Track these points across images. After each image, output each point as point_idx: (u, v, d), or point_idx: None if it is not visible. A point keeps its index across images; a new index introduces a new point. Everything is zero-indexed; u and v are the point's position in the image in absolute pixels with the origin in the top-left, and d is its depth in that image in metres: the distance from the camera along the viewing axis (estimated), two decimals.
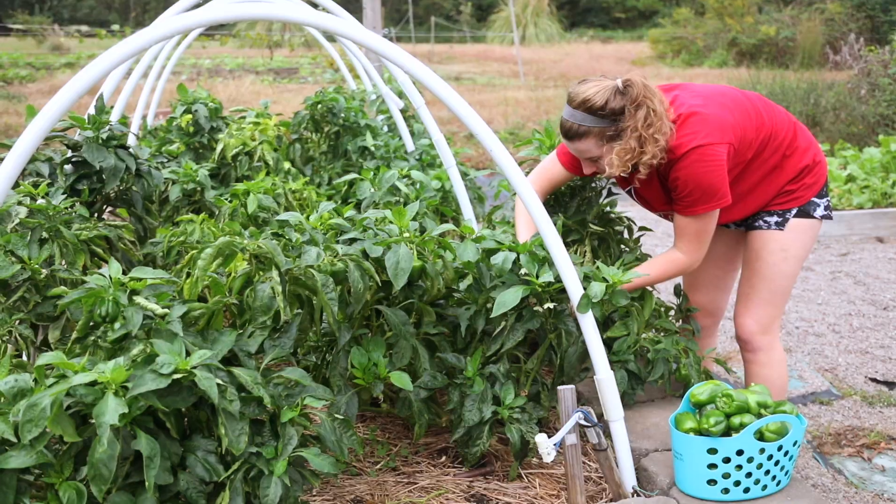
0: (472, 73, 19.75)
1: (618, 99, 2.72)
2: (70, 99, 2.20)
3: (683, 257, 2.91)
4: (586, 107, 2.74)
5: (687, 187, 2.77)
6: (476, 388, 2.65)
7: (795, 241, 3.02)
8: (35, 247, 2.82)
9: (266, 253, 2.25)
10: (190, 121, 4.93)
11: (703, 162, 2.73)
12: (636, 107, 2.70)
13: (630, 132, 2.70)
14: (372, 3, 9.22)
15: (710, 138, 2.73)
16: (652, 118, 2.69)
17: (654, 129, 2.69)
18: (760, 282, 3.05)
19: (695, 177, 2.74)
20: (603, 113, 2.72)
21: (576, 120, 2.77)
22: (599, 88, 2.74)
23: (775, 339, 3.13)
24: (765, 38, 19.81)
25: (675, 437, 2.54)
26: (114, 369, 1.91)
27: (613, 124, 2.73)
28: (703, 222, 2.84)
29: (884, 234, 6.84)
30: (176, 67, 19.69)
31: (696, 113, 2.77)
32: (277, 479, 2.04)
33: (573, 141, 2.81)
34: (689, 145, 2.72)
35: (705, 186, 2.75)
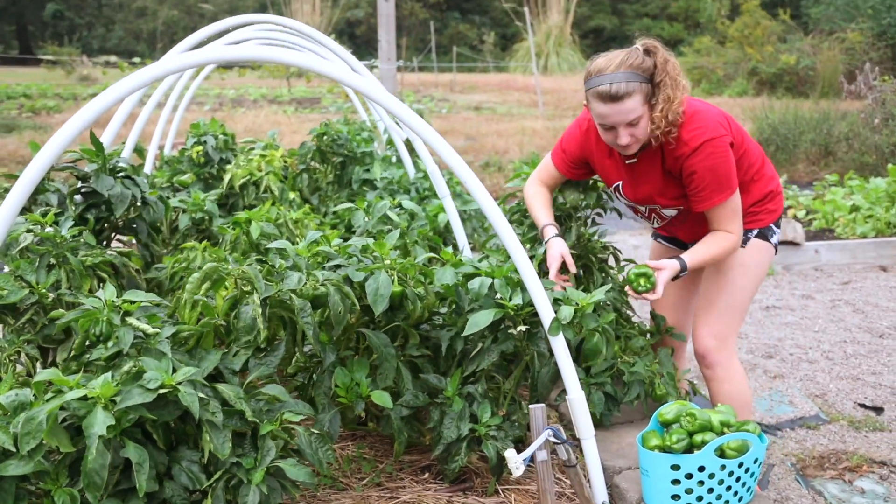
0: (493, 103, 19.98)
1: (648, 58, 2.87)
2: (72, 134, 2.37)
3: (733, 235, 3.02)
4: (626, 65, 2.83)
5: (704, 180, 2.91)
6: (455, 406, 2.80)
7: (753, 259, 3.17)
8: (43, 272, 3.00)
9: (248, 278, 2.41)
10: (200, 152, 5.14)
11: (716, 154, 2.88)
12: (664, 62, 2.86)
13: (668, 79, 2.84)
14: (387, 35, 9.45)
15: (718, 131, 2.89)
16: (677, 69, 2.88)
17: (681, 77, 2.87)
18: (718, 294, 3.18)
19: (711, 169, 2.89)
20: (643, 68, 2.83)
21: (621, 80, 2.81)
22: (628, 51, 2.88)
23: (732, 354, 3.23)
24: (785, 67, 19.88)
25: (642, 454, 2.66)
26: (102, 385, 2.07)
27: (650, 80, 2.86)
28: (728, 205, 2.98)
29: (887, 262, 6.91)
30: (200, 97, 20.11)
31: (699, 110, 2.93)
32: (255, 488, 2.19)
33: (621, 101, 2.83)
34: (701, 138, 2.88)
35: (721, 177, 2.91)
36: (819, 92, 17.65)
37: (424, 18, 35.95)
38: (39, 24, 41.88)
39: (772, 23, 23.78)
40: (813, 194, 8.56)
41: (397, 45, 26.47)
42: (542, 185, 3.41)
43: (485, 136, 13.69)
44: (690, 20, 36.56)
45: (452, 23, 39.30)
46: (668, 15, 38.07)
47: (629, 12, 39.21)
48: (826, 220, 7.46)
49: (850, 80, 13.74)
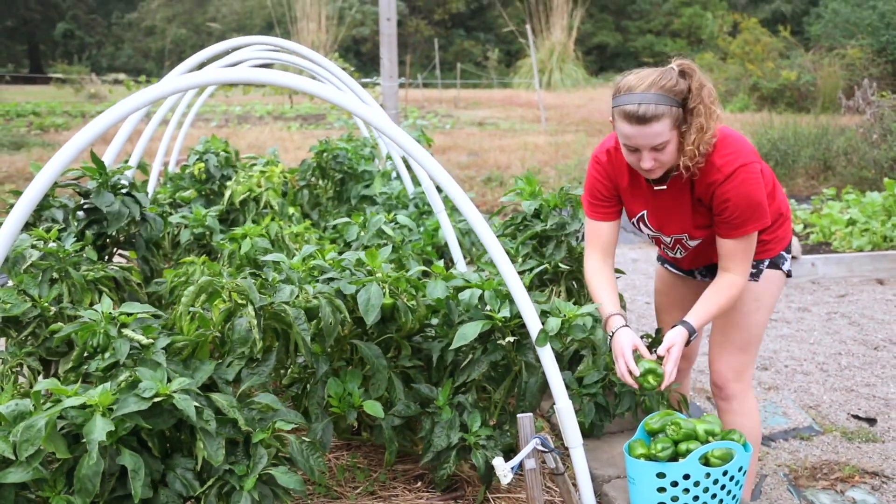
0: (496, 119, 20.09)
1: (683, 80, 2.69)
2: (73, 152, 2.44)
3: (740, 279, 2.89)
4: (658, 87, 2.66)
5: (738, 208, 2.78)
6: (445, 416, 2.86)
7: (767, 291, 3.08)
8: (45, 286, 3.08)
9: (242, 290, 2.49)
10: (202, 169, 5.23)
11: (750, 181, 2.76)
12: (699, 86, 2.69)
13: (701, 107, 2.68)
14: (389, 53, 9.56)
15: (750, 157, 2.79)
16: (713, 95, 2.71)
17: (716, 104, 2.71)
18: (734, 331, 3.08)
19: (745, 196, 2.76)
20: (675, 91, 2.67)
21: (651, 102, 2.64)
22: (662, 71, 2.71)
23: (748, 387, 3.16)
24: (786, 82, 19.97)
25: (628, 463, 2.72)
26: (101, 393, 2.14)
27: (682, 105, 2.70)
28: (750, 241, 2.87)
29: (884, 276, 6.96)
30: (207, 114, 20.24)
31: (728, 135, 2.81)
32: (247, 494, 2.26)
33: (648, 124, 2.66)
34: (734, 164, 2.76)
35: (755, 205, 2.78)
36: (820, 107, 17.74)
37: (429, 36, 36.16)
38: (50, 43, 42.25)
39: (772, 39, 23.91)
40: (811, 208, 8.62)
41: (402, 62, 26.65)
42: (598, 255, 3.09)
43: (487, 151, 13.78)
44: (693, 37, 36.73)
45: (457, 40, 39.52)
46: (671, 31, 38.24)
47: (632, 29, 39.39)
48: (823, 233, 7.51)
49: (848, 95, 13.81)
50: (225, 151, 5.44)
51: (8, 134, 15.35)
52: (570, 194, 3.85)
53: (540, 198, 3.86)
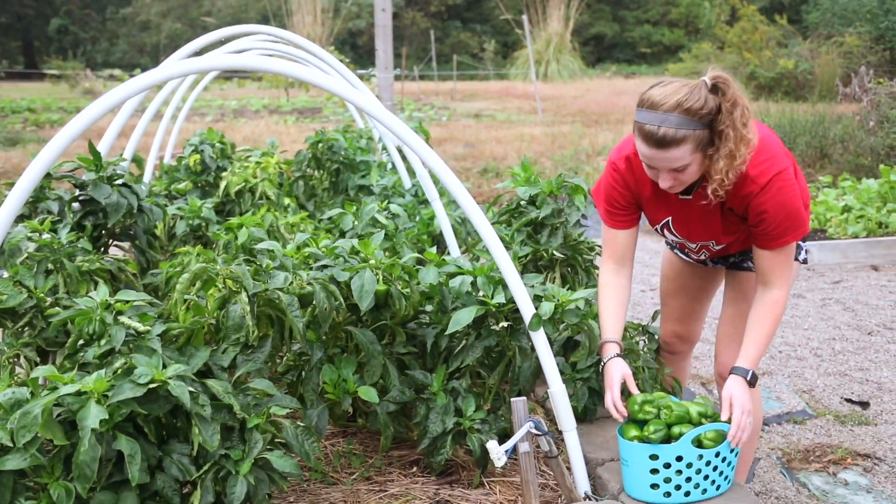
0: (493, 110, 20.09)
1: (712, 98, 2.47)
2: (66, 141, 2.45)
3: (782, 293, 2.74)
4: (682, 109, 2.45)
5: (777, 218, 2.64)
6: (439, 401, 2.88)
7: None
8: (41, 277, 3.10)
9: (236, 277, 2.51)
10: (198, 160, 5.24)
11: (786, 189, 2.62)
12: (732, 105, 2.47)
13: (731, 131, 2.48)
14: (384, 44, 9.57)
15: (783, 162, 2.63)
16: (747, 116, 2.50)
17: (748, 127, 2.50)
18: (744, 322, 2.94)
19: (783, 205, 2.62)
20: (702, 114, 2.46)
21: (671, 125, 2.46)
22: (691, 88, 2.48)
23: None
24: (783, 71, 19.97)
25: (621, 445, 2.74)
26: (96, 380, 2.16)
27: (708, 127, 2.50)
28: (789, 252, 2.74)
29: (878, 262, 6.99)
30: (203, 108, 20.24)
31: (760, 139, 2.61)
32: (243, 479, 2.28)
33: (667, 149, 2.50)
34: (769, 173, 2.60)
35: (794, 214, 2.65)
36: (817, 95, 17.74)
37: (426, 28, 36.12)
38: (45, 40, 42.16)
39: (770, 28, 23.90)
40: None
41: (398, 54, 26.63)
42: (612, 266, 2.96)
43: (484, 142, 13.79)
44: (691, 26, 36.70)
45: (454, 32, 39.47)
46: (669, 21, 38.20)
47: (630, 19, 39.35)
48: (818, 220, 7.53)
49: (845, 83, 13.82)
50: (221, 143, 5.45)
51: (3, 130, 15.36)
52: (567, 182, 3.86)
53: (536, 185, 3.88)
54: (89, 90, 24.89)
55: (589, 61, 33.83)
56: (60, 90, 27.17)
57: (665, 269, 3.42)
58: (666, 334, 3.49)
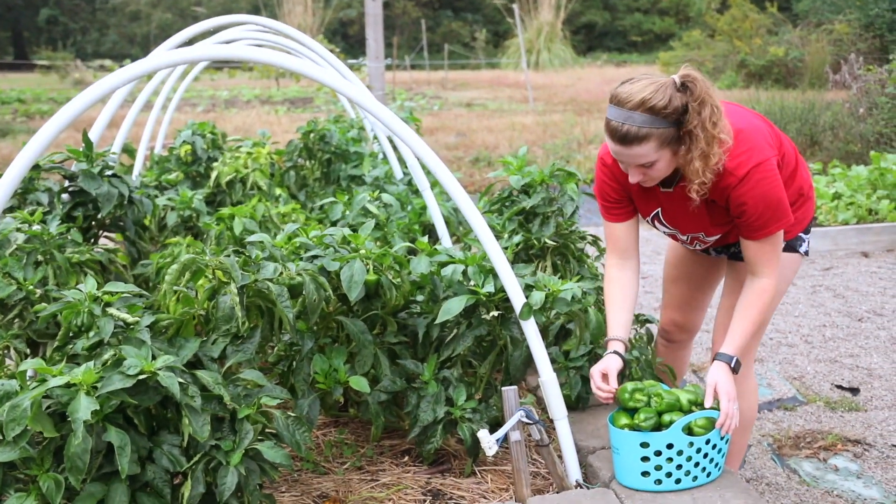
0: (485, 99, 20.06)
1: (679, 97, 2.49)
2: (55, 130, 2.44)
3: (770, 282, 2.76)
4: (646, 107, 2.47)
5: (757, 209, 2.64)
6: (430, 390, 2.89)
7: (780, 275, 2.92)
8: (30, 269, 3.09)
9: (225, 268, 2.50)
10: (188, 151, 5.22)
11: (766, 180, 2.61)
12: (700, 104, 2.49)
13: (700, 131, 2.50)
14: (375, 34, 9.53)
15: (764, 153, 2.62)
16: (717, 115, 2.51)
17: (718, 127, 2.51)
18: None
19: (763, 196, 2.62)
20: (666, 113, 2.48)
21: (634, 123, 2.49)
22: (657, 86, 2.50)
23: (748, 369, 3.09)
24: (773, 59, 19.98)
25: (612, 433, 2.75)
26: (85, 372, 2.16)
27: (675, 126, 2.52)
28: (775, 241, 2.74)
29: (869, 248, 7.01)
30: (193, 99, 20.16)
31: (740, 129, 2.62)
32: (234, 469, 2.28)
33: (629, 146, 2.53)
34: (748, 165, 2.60)
35: (774, 204, 2.64)
36: (807, 83, 17.75)
37: (417, 17, 36.03)
38: (34, 30, 41.93)
39: (760, 16, 23.90)
40: None
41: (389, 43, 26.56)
42: (616, 260, 2.98)
43: (475, 131, 13.78)
44: (681, 14, 36.69)
45: (445, 21, 39.38)
46: (660, 10, 38.21)
47: (621, 7, 39.32)
48: None
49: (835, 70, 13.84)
50: (212, 133, 5.44)
51: None
52: (561, 169, 3.85)
53: (528, 174, 3.87)
54: (79, 81, 24.78)
55: (580, 50, 33.79)
56: (50, 81, 27.05)
57: (669, 256, 3.40)
58: (665, 321, 3.49)
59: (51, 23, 41.18)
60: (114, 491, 2.23)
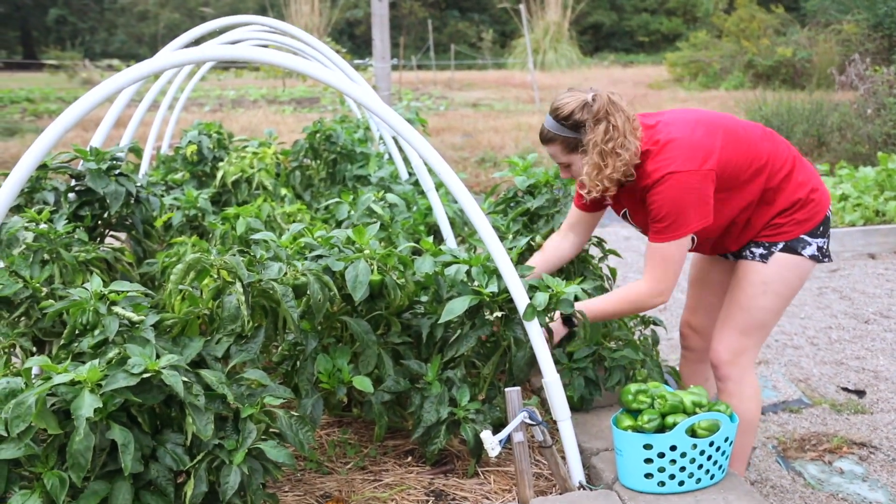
0: (491, 100, 20.06)
1: (583, 111, 2.86)
2: (62, 129, 2.44)
3: (644, 284, 2.93)
4: (555, 115, 2.91)
5: (660, 212, 2.84)
6: (434, 391, 2.89)
7: (777, 276, 2.99)
8: (37, 267, 3.10)
9: (231, 267, 2.51)
10: (194, 150, 5.23)
11: (676, 188, 2.80)
12: (596, 121, 2.84)
13: (591, 146, 2.84)
14: (381, 34, 9.54)
15: (686, 165, 2.79)
16: (612, 133, 2.82)
17: (613, 143, 2.81)
18: (737, 311, 3.06)
19: (668, 202, 2.81)
20: (567, 123, 2.88)
21: (547, 126, 2.94)
22: (571, 99, 2.89)
23: (746, 371, 3.11)
24: (781, 59, 19.94)
25: (616, 435, 2.75)
26: (90, 370, 2.17)
27: (575, 135, 2.89)
28: (669, 249, 2.88)
29: (875, 250, 6.99)
30: (201, 98, 20.19)
31: (674, 139, 2.84)
32: (237, 468, 2.29)
33: (544, 144, 3.00)
34: (663, 171, 2.81)
35: (676, 212, 2.82)
36: (815, 83, 17.71)
37: (423, 17, 36.03)
38: (43, 30, 42.04)
39: (768, 16, 23.85)
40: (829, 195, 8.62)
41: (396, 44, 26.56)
42: (563, 232, 3.35)
43: (481, 132, 13.78)
44: (689, 14, 36.61)
45: (451, 21, 39.37)
46: (667, 10, 38.12)
47: (628, 7, 39.24)
48: None
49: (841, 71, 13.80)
50: (218, 133, 5.45)
51: (2, 120, 15.34)
52: None
53: (533, 174, 3.88)
54: (87, 80, 24.84)
55: (587, 50, 33.74)
56: (59, 80, 27.11)
57: (692, 258, 3.46)
58: (681, 324, 3.53)
59: (59, 22, 41.28)
60: (117, 489, 2.23)
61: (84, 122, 13.18)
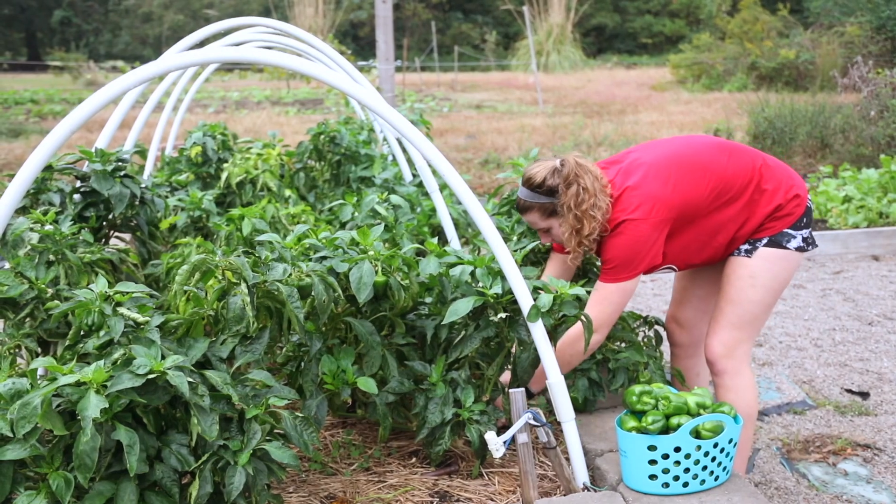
0: (494, 101, 20.07)
1: (554, 177, 3.00)
2: (68, 131, 2.45)
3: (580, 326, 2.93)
4: (528, 184, 3.05)
5: (608, 255, 3.00)
6: (438, 392, 2.89)
7: (764, 269, 3.08)
8: (42, 268, 3.11)
9: (236, 268, 2.52)
10: (199, 152, 5.24)
11: (625, 235, 2.95)
12: (567, 185, 2.97)
13: (566, 209, 2.97)
14: (385, 35, 9.55)
15: (636, 213, 2.94)
16: (583, 195, 2.94)
17: (586, 205, 2.94)
18: (727, 305, 3.13)
19: (616, 247, 2.97)
20: (541, 190, 3.02)
21: (522, 195, 3.09)
22: (541, 168, 3.04)
23: (742, 364, 3.18)
24: (784, 61, 19.93)
25: (620, 436, 2.75)
26: (95, 370, 2.17)
27: (550, 200, 3.02)
28: (607, 293, 3.01)
29: (879, 252, 6.99)
30: (205, 100, 20.22)
31: (627, 188, 2.99)
32: (242, 469, 2.29)
33: (522, 214, 3.14)
34: (617, 220, 2.97)
35: (622, 258, 2.97)
36: (818, 85, 17.70)
37: (427, 19, 36.05)
38: (47, 31, 42.13)
39: (771, 18, 23.84)
40: (807, 186, 8.63)
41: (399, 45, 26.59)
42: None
43: (485, 133, 13.78)
44: (692, 16, 36.59)
45: (455, 23, 39.39)
46: (670, 12, 38.11)
47: (631, 9, 39.23)
48: (819, 210, 7.53)
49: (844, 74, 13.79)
50: (222, 134, 5.46)
51: (6, 122, 15.38)
52: None
53: None
54: (92, 82, 24.89)
55: (590, 52, 33.75)
56: (63, 82, 27.17)
57: None
58: (667, 319, 3.58)
59: (64, 24, 41.36)
60: (123, 489, 2.24)
61: (89, 123, 13.20)
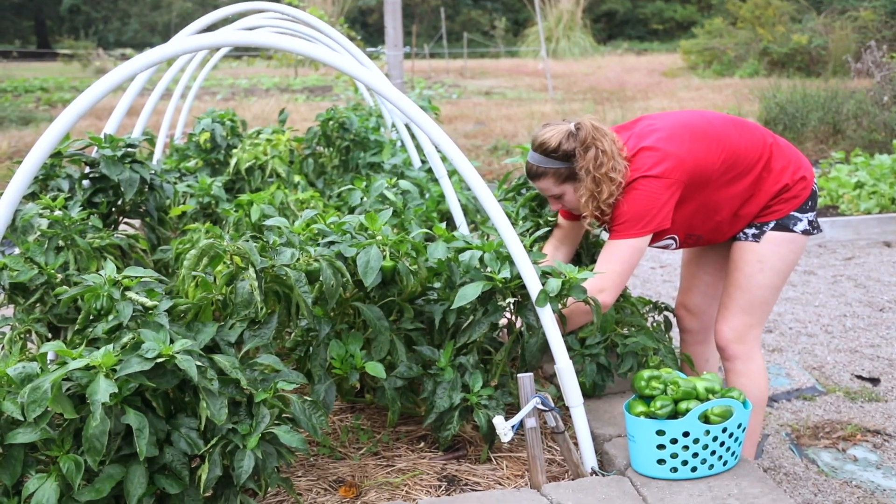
0: (504, 88, 20.02)
1: (570, 141, 2.95)
2: (76, 114, 2.44)
3: (595, 284, 2.91)
4: (542, 149, 2.99)
5: (620, 210, 2.96)
6: (447, 377, 2.89)
7: (772, 253, 3.10)
8: (52, 254, 3.12)
9: (244, 253, 2.52)
10: (208, 138, 5.24)
11: (639, 191, 2.93)
12: (585, 148, 2.92)
13: (584, 173, 2.93)
14: (394, 21, 9.53)
15: (653, 171, 2.92)
16: (602, 158, 2.90)
17: (605, 168, 2.90)
18: (736, 291, 3.15)
19: (628, 202, 2.94)
20: (556, 155, 2.97)
21: (534, 161, 3.02)
22: (555, 132, 2.98)
23: (753, 349, 3.21)
24: (796, 46, 19.81)
25: (628, 421, 2.75)
26: (104, 355, 2.18)
27: (566, 165, 2.97)
28: (617, 250, 2.97)
29: (891, 238, 6.95)
30: (213, 87, 20.23)
31: (642, 148, 2.97)
32: (251, 453, 2.30)
33: (534, 180, 3.08)
34: (631, 178, 2.95)
35: (633, 213, 2.93)
36: (831, 71, 17.59)
37: (436, 5, 35.93)
38: (57, 19, 42.19)
39: (784, 3, 23.68)
40: (819, 172, 8.59)
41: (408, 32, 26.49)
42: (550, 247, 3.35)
43: (494, 120, 13.75)
44: (703, 2, 36.38)
45: (464, 9, 39.27)
46: None
47: None
48: (831, 196, 7.49)
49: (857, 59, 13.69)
50: (231, 121, 5.46)
51: (16, 110, 15.41)
52: None
53: None
54: (101, 69, 24.92)
55: (600, 38, 33.61)
56: (72, 69, 27.22)
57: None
58: (676, 305, 3.58)
59: (73, 12, 41.39)
60: (132, 472, 2.25)
61: (97, 110, 13.23)
